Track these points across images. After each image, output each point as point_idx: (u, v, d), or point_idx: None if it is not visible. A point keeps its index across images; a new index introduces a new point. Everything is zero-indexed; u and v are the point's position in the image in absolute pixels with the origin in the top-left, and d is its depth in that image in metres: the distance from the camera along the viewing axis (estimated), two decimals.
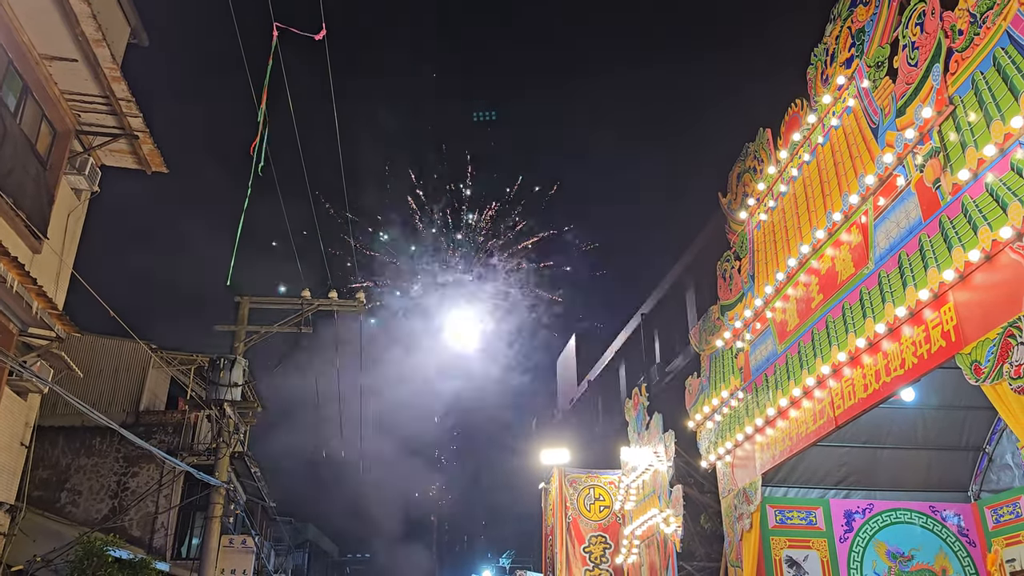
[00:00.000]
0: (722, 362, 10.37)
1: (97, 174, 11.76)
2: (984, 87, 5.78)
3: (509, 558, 43.83)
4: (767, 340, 9.32)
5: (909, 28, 6.78)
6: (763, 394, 9.09)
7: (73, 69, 10.27)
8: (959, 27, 6.13)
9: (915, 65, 6.65)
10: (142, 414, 19.81)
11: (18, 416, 10.74)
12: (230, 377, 13.64)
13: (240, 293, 14.86)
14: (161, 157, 12.03)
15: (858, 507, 10.13)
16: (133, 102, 10.85)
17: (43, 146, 10.78)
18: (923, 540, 9.90)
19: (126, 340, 19.34)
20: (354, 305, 15.50)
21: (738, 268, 10.22)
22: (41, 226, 10.51)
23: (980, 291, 5.74)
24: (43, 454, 17.90)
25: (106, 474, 18.99)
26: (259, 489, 22.52)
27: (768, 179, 9.48)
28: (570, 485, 15.14)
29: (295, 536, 39.10)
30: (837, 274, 7.83)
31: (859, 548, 9.90)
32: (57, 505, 18.28)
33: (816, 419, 8.11)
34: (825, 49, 8.42)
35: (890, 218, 6.96)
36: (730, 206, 10.52)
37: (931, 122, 6.32)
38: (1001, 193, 5.46)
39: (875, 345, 7.01)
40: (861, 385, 7.29)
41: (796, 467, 9.92)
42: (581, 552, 14.56)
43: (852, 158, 7.73)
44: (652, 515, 11.93)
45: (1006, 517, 9.36)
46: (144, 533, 18.41)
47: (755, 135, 9.93)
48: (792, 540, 9.88)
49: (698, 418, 10.87)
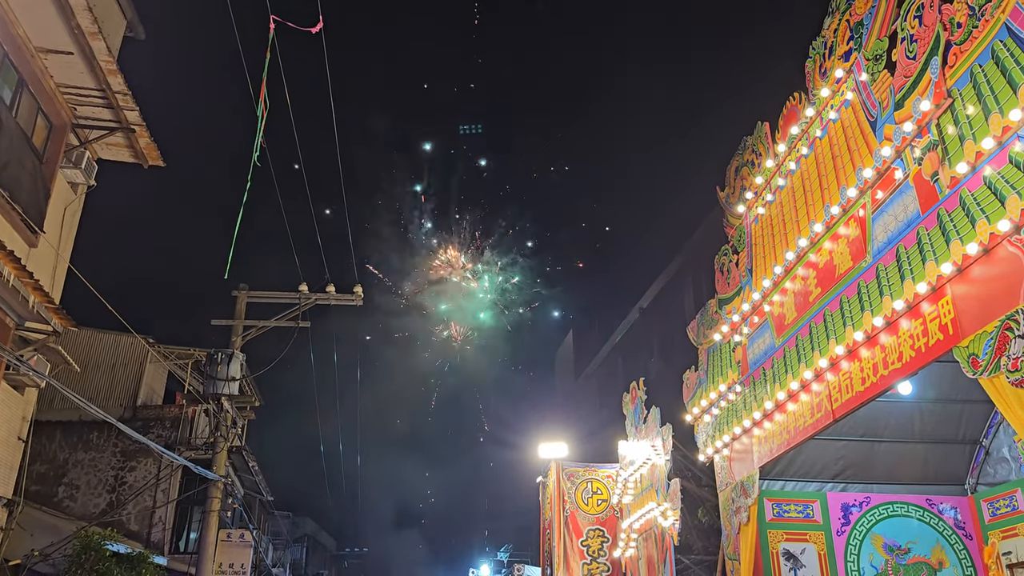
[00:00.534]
0: (720, 356, 10.38)
1: (93, 168, 11.71)
2: (982, 80, 5.77)
3: (507, 552, 43.89)
4: (765, 334, 9.33)
5: (908, 21, 6.77)
6: (761, 388, 9.10)
7: (69, 62, 10.21)
8: (958, 20, 6.12)
9: (913, 58, 6.64)
10: (139, 408, 19.80)
11: (15, 410, 10.73)
12: (227, 371, 13.63)
13: (237, 287, 14.84)
14: (158, 151, 11.99)
15: (855, 500, 10.15)
16: (129, 95, 10.80)
17: (39, 140, 10.73)
18: (920, 533, 9.92)
19: (123, 334, 19.32)
20: (352, 299, 15.48)
21: (736, 262, 10.22)
22: (37, 220, 10.48)
23: (978, 284, 5.75)
24: (40, 449, 17.88)
25: (104, 468, 18.99)
26: (257, 483, 22.53)
27: (766, 173, 9.47)
28: (568, 479, 15.16)
29: (293, 530, 39.12)
30: (835, 267, 7.83)
31: (856, 541, 9.92)
32: (55, 499, 18.27)
33: (814, 412, 8.13)
34: (823, 42, 8.41)
35: (888, 211, 6.96)
36: (728, 200, 10.52)
37: (929, 115, 6.31)
38: (999, 186, 5.46)
39: (873, 338, 7.02)
40: (859, 378, 7.30)
41: (794, 460, 9.94)
42: (579, 545, 14.59)
43: (850, 151, 7.72)
44: (650, 508, 11.95)
45: (1002, 510, 9.38)
46: (142, 527, 18.42)
47: (753, 128, 9.92)
48: (789, 533, 9.90)
49: (696, 412, 10.88)
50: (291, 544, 37.27)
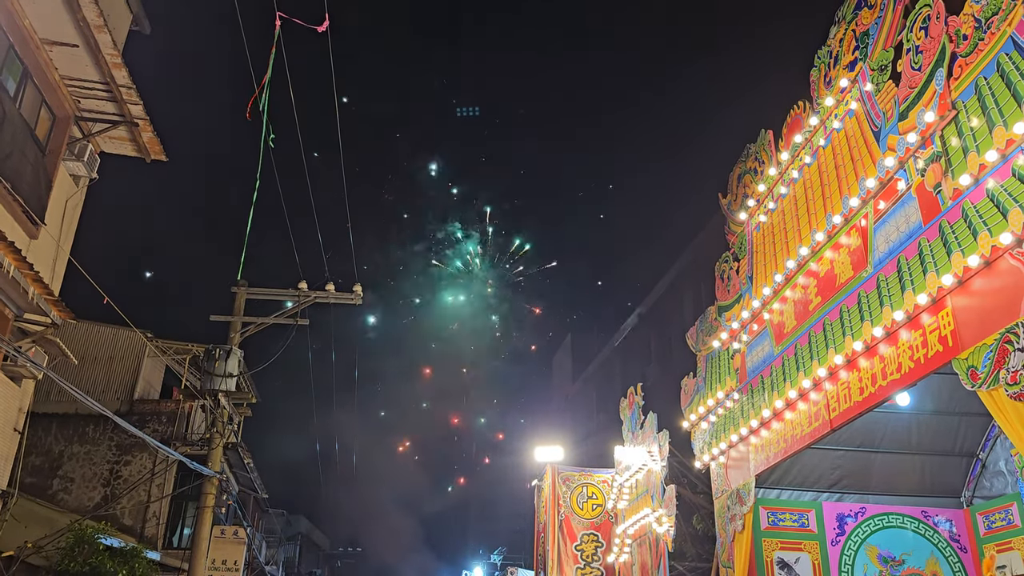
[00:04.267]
0: (718, 363, 10.37)
1: (96, 161, 11.71)
2: (987, 92, 5.77)
3: (500, 555, 43.82)
4: (764, 342, 9.32)
5: (913, 32, 6.77)
6: (759, 396, 9.09)
7: (74, 55, 10.22)
8: (964, 32, 6.12)
9: (918, 69, 6.64)
10: (136, 402, 19.80)
11: (12, 402, 10.72)
12: (225, 367, 13.61)
13: (237, 284, 14.83)
14: (161, 145, 11.99)
15: (850, 510, 10.13)
16: (133, 89, 10.81)
17: (42, 131, 10.73)
18: (914, 545, 9.90)
19: (122, 328, 19.33)
20: (351, 298, 15.46)
21: (736, 269, 10.22)
22: (39, 212, 10.47)
23: (978, 296, 5.74)
24: (36, 441, 17.88)
25: (99, 462, 18.98)
26: (252, 480, 22.52)
27: (768, 180, 9.47)
28: (563, 483, 15.14)
29: (287, 528, 39.09)
30: (836, 277, 7.82)
31: (850, 551, 9.90)
32: (49, 492, 18.26)
33: (811, 422, 8.11)
34: (829, 51, 8.41)
35: (890, 222, 6.95)
36: (730, 207, 10.51)
37: (933, 126, 6.32)
38: (1002, 199, 5.45)
39: (872, 349, 7.01)
40: (857, 388, 7.29)
41: (790, 469, 9.92)
42: (573, 550, 14.57)
43: (853, 161, 7.72)
44: (645, 514, 11.93)
45: (998, 523, 9.37)
46: (136, 522, 18.41)
47: (756, 136, 9.92)
48: (784, 542, 9.89)
49: (693, 418, 10.87)
50: (284, 542, 37.23)
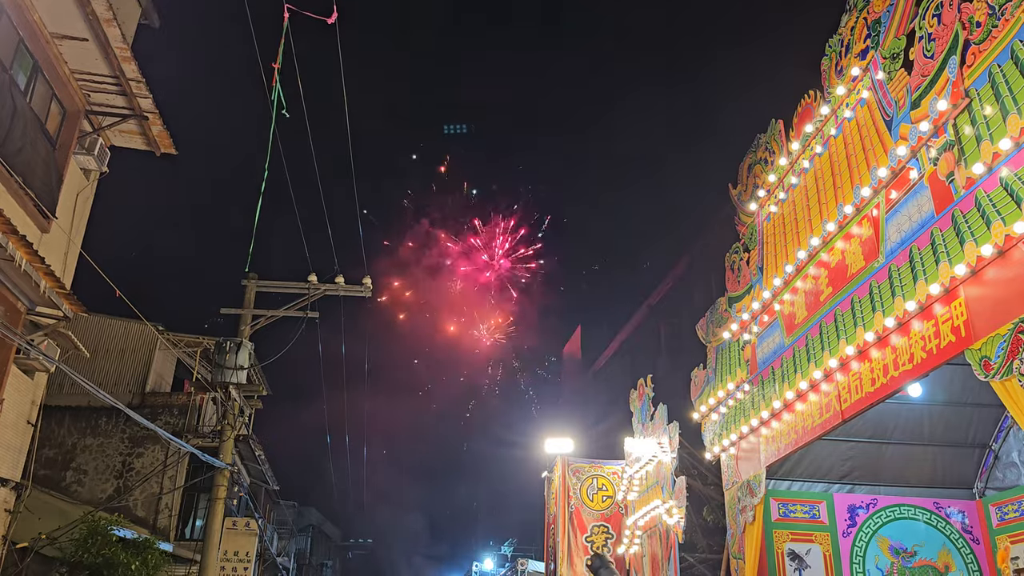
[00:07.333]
0: (729, 354, 10.34)
1: (106, 154, 11.75)
2: (1001, 80, 5.71)
3: (511, 546, 43.91)
4: (774, 333, 9.28)
5: (926, 19, 6.70)
6: (769, 387, 9.06)
7: (84, 48, 10.24)
8: (977, 19, 6.05)
9: (931, 57, 6.57)
10: (148, 395, 19.91)
11: (25, 395, 10.79)
12: (236, 360, 13.67)
13: (247, 276, 14.88)
14: (171, 139, 12.01)
15: (862, 502, 10.10)
16: (143, 83, 10.82)
17: (53, 125, 10.77)
18: (926, 536, 9.87)
19: (133, 321, 19.42)
20: (361, 290, 15.49)
21: (747, 260, 10.17)
22: (50, 205, 10.52)
23: (992, 286, 5.69)
24: (49, 433, 18.00)
25: (111, 454, 19.11)
26: (263, 472, 22.63)
27: (779, 170, 9.41)
28: (573, 474, 15.15)
29: (298, 520, 39.33)
30: (847, 267, 7.77)
31: (862, 543, 9.88)
32: (62, 484, 18.41)
33: (822, 413, 8.08)
34: (840, 40, 8.33)
35: (902, 212, 6.90)
36: (740, 197, 10.46)
37: (946, 115, 6.25)
38: (1016, 187, 5.40)
39: (883, 339, 6.96)
40: (868, 379, 7.25)
41: (801, 461, 9.90)
42: (583, 541, 14.58)
43: (865, 150, 7.66)
44: (655, 506, 11.93)
45: (1011, 515, 9.33)
46: (148, 514, 18.53)
47: (767, 126, 9.86)
48: (795, 533, 9.87)
49: (703, 410, 10.85)
50: (296, 534, 37.47)
